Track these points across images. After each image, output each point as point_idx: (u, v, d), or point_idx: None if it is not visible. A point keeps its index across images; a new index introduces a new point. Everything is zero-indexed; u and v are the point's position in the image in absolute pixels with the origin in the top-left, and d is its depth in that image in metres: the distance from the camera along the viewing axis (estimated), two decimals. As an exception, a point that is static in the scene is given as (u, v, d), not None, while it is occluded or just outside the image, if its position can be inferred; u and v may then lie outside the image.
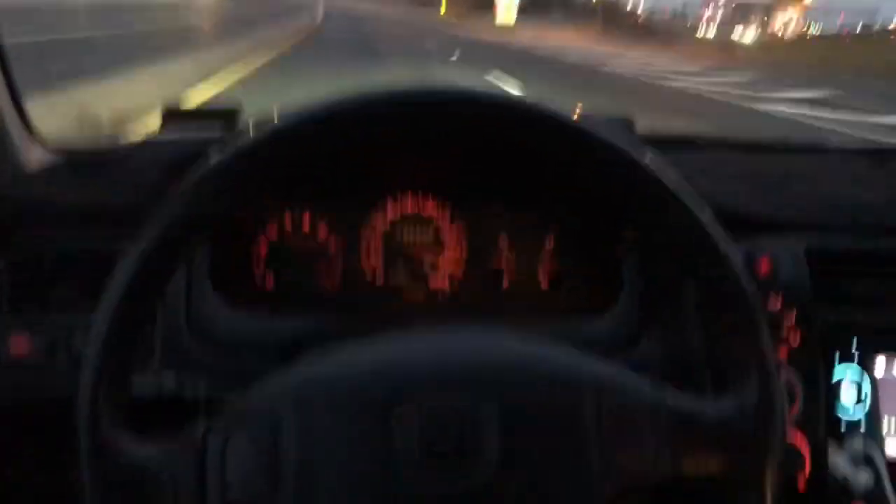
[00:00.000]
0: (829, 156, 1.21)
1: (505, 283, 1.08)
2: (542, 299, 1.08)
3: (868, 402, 0.95)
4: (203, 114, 1.07)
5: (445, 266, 1.07)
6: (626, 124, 1.20)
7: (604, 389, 0.60)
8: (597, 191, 0.67)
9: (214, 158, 0.59)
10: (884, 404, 0.95)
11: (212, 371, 0.86)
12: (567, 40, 30.45)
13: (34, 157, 0.98)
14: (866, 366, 0.95)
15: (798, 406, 0.91)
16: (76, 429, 0.56)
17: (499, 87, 8.54)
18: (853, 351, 0.95)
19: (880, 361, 0.95)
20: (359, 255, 1.05)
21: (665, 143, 1.19)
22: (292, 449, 0.56)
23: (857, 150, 1.24)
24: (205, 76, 7.74)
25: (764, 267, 0.94)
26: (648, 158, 0.62)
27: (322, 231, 1.04)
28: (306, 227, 1.04)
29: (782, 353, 0.92)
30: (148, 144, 1.03)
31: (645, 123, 1.16)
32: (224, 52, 10.09)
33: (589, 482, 0.58)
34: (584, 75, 15.69)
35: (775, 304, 0.93)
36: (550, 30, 38.09)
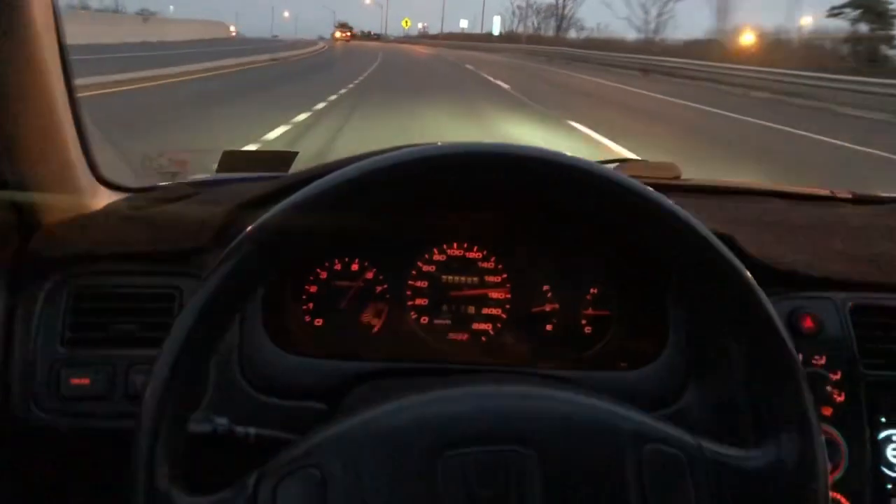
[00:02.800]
0: (879, 207, 1.20)
1: (548, 328, 1.09)
2: (585, 346, 1.08)
3: None
4: (260, 156, 1.11)
5: (489, 308, 1.09)
6: (672, 170, 1.21)
7: (643, 439, 0.61)
8: (640, 244, 0.68)
9: (278, 206, 0.62)
10: None
11: (263, 412, 0.89)
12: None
13: (98, 196, 1.02)
14: None
15: (842, 466, 0.90)
16: (129, 461, 0.58)
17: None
18: None
19: None
20: (405, 296, 1.08)
21: (711, 192, 1.20)
22: (341, 495, 0.58)
23: None
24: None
25: (808, 323, 0.93)
26: (687, 213, 0.64)
27: (369, 273, 1.07)
28: (354, 270, 1.07)
29: (826, 412, 0.91)
30: (208, 185, 1.07)
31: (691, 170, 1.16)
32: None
33: None
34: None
35: (819, 361, 0.93)
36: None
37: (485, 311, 1.09)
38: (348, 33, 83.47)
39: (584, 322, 1.09)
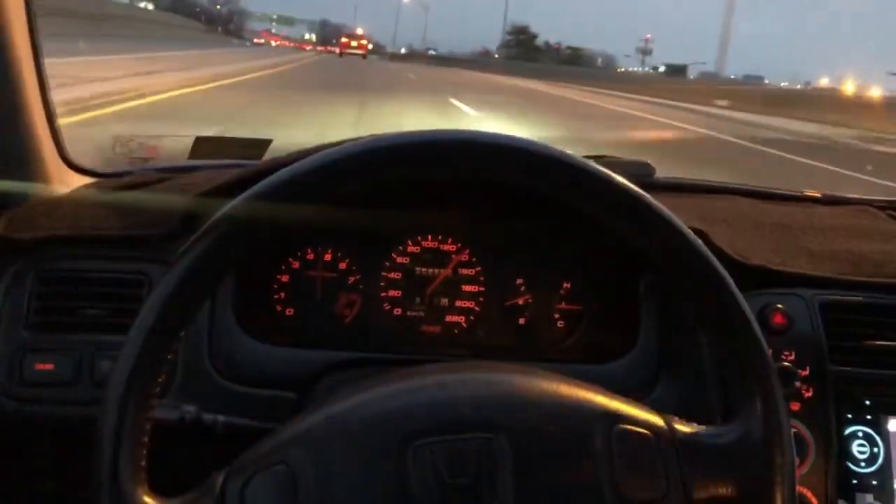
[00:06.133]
0: (849, 208, 1.22)
1: (521, 321, 1.09)
2: (558, 339, 1.09)
3: (880, 457, 0.94)
4: (233, 143, 1.10)
5: (462, 301, 1.08)
6: (646, 169, 1.22)
7: (612, 420, 0.61)
8: (614, 238, 0.68)
9: (248, 192, 0.61)
10: None
11: (232, 400, 0.88)
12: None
13: (67, 181, 1.00)
14: (879, 421, 0.95)
15: (809, 461, 0.91)
16: (93, 450, 0.57)
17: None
18: (866, 406, 0.95)
19: (893, 418, 0.95)
20: (378, 287, 1.07)
21: (684, 190, 1.20)
22: (311, 491, 0.56)
23: (878, 202, 1.25)
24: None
25: (778, 319, 0.94)
26: (662, 207, 0.64)
27: (342, 264, 1.06)
28: (327, 260, 1.06)
29: (795, 407, 0.92)
30: (178, 172, 1.05)
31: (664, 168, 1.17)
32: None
33: None
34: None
35: (789, 357, 0.93)
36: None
37: (458, 303, 1.08)
38: (362, 43, 61.14)
39: (556, 316, 1.09)
